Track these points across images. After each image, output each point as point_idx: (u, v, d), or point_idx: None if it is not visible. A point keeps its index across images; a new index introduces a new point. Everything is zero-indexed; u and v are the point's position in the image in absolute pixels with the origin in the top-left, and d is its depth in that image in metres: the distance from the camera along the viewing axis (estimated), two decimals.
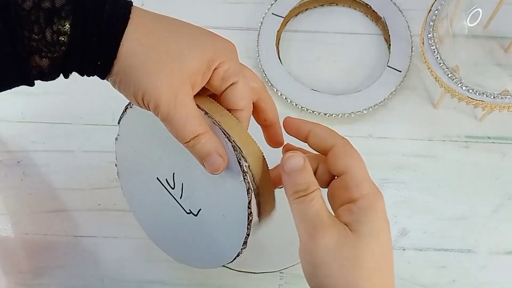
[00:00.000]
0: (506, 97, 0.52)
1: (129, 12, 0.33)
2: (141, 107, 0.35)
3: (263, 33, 0.62)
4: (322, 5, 0.66)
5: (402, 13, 0.63)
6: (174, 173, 0.41)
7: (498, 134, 0.59)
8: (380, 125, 0.59)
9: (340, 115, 0.58)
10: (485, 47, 0.61)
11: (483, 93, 0.52)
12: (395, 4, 0.63)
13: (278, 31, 0.62)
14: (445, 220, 0.55)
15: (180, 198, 0.42)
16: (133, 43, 0.32)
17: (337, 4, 0.66)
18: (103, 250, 0.55)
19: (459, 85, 0.53)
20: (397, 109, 0.60)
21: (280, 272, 0.53)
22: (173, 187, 0.42)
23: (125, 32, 0.32)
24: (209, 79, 0.36)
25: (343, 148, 0.36)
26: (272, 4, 0.63)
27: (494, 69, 0.59)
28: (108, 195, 0.57)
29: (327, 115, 0.58)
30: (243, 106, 0.37)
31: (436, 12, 0.55)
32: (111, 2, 0.32)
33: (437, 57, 0.54)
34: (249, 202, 0.37)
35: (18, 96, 0.60)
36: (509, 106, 0.52)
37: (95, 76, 0.35)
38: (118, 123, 0.44)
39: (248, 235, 0.38)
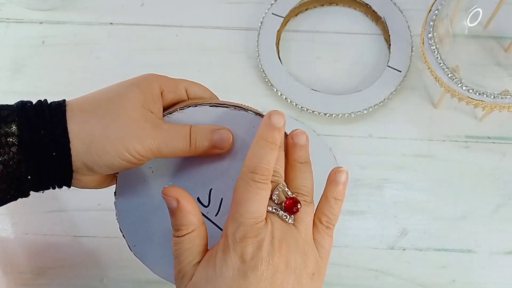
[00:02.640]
0: (506, 97, 0.52)
1: (63, 102, 0.34)
2: (137, 162, 0.34)
3: (263, 33, 0.62)
4: (322, 5, 0.66)
5: (402, 13, 0.63)
6: (211, 189, 0.39)
7: (498, 134, 0.59)
8: (380, 125, 0.59)
9: (340, 115, 0.58)
10: (485, 47, 0.61)
11: (483, 93, 0.52)
12: (395, 4, 0.63)
13: (278, 31, 0.62)
14: (445, 220, 0.55)
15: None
16: (76, 119, 0.33)
17: (337, 4, 0.66)
18: (103, 250, 0.55)
19: (459, 85, 0.53)
20: (397, 109, 0.60)
21: None
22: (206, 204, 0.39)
23: (66, 115, 0.33)
24: (167, 100, 0.38)
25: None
26: (272, 4, 0.63)
27: (494, 69, 0.59)
28: (108, 195, 0.57)
29: (327, 115, 0.58)
30: (209, 95, 0.41)
31: (436, 12, 0.55)
32: (45, 102, 0.34)
33: (437, 57, 0.54)
34: None
35: (18, 96, 0.60)
36: (509, 106, 0.52)
37: (85, 111, 0.34)
38: (115, 194, 0.41)
39: None
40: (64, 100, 0.35)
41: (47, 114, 0.33)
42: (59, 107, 0.34)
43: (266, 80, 0.60)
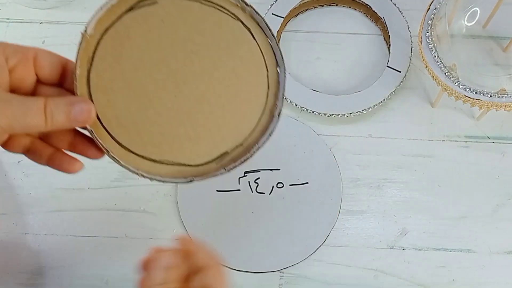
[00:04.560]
0: (503, 96, 0.52)
1: None
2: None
3: None
4: (322, 5, 0.66)
5: (402, 13, 0.63)
6: None
7: (498, 134, 0.59)
8: (380, 125, 0.59)
9: (340, 115, 0.58)
10: (484, 46, 0.61)
11: (479, 91, 0.52)
12: (395, 4, 0.63)
13: (278, 31, 0.62)
14: (445, 220, 0.55)
15: None
16: None
17: (337, 4, 0.66)
18: (103, 250, 0.55)
19: (456, 83, 0.53)
20: (397, 109, 0.60)
21: (280, 272, 0.53)
22: None
23: None
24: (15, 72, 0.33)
25: None
26: (272, 4, 0.63)
27: (492, 68, 0.59)
28: (108, 195, 0.57)
29: (327, 115, 0.58)
30: (59, 62, 0.36)
31: (434, 10, 0.55)
32: None
33: (435, 56, 0.54)
34: None
35: None
36: (505, 105, 0.52)
37: None
38: None
39: None
40: None
41: None
42: None
43: None
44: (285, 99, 0.59)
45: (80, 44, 0.36)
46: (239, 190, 0.55)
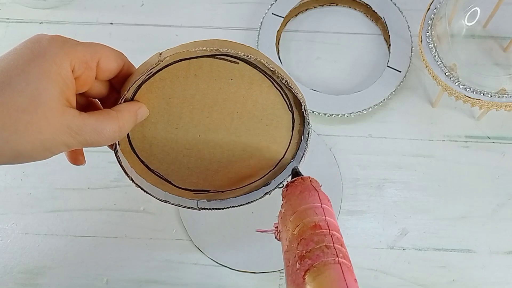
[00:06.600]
0: (503, 96, 0.52)
1: None
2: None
3: (263, 33, 0.62)
4: (322, 5, 0.66)
5: (402, 13, 0.63)
6: None
7: (498, 134, 0.59)
8: (380, 125, 0.59)
9: (340, 115, 0.58)
10: (484, 46, 0.61)
11: (480, 91, 0.52)
12: (395, 4, 0.63)
13: (278, 31, 0.62)
14: (445, 220, 0.55)
15: None
16: None
17: (337, 4, 0.66)
18: (103, 250, 0.55)
19: (456, 83, 0.53)
20: (397, 109, 0.60)
21: (280, 272, 0.53)
22: None
23: None
24: (84, 78, 0.33)
25: None
26: (272, 4, 0.63)
27: (492, 68, 0.59)
28: (108, 195, 0.57)
29: (327, 115, 0.58)
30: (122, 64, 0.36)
31: (434, 10, 0.55)
32: None
33: (435, 56, 0.54)
34: None
35: None
36: (506, 105, 0.52)
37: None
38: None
39: None
40: None
41: None
42: None
43: None
44: None
45: (152, 63, 0.35)
46: None
